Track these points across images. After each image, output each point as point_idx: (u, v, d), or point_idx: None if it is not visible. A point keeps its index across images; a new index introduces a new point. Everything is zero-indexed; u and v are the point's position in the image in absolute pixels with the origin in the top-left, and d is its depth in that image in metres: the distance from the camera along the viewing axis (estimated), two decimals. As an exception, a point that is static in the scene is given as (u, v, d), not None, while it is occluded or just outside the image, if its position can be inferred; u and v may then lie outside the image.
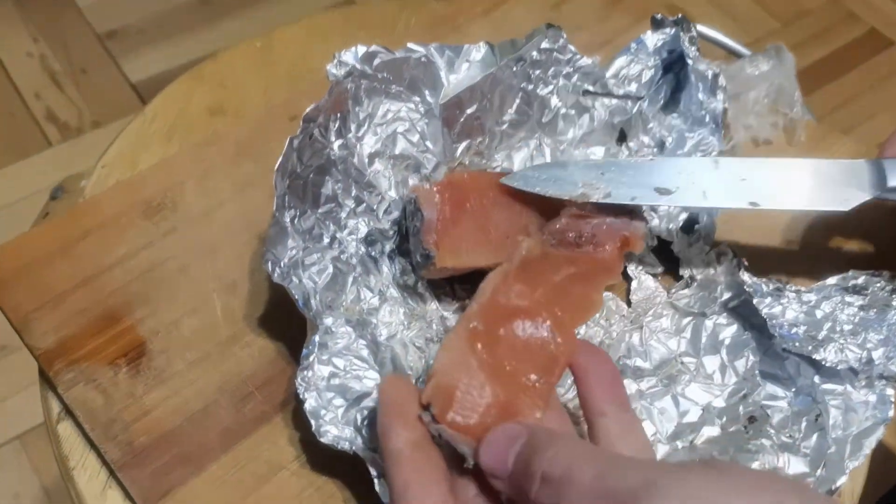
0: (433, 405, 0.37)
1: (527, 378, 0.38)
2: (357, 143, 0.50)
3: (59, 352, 0.48)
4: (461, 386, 0.38)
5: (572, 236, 0.46)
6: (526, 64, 0.53)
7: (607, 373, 0.39)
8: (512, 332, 0.40)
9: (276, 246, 0.44)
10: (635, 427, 0.38)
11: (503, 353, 0.39)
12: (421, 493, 0.34)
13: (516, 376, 0.38)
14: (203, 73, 0.62)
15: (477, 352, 0.39)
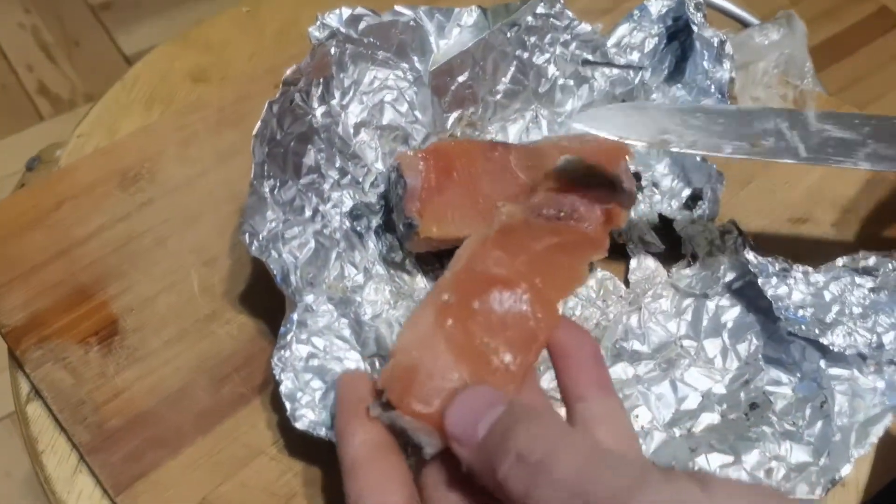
0: (389, 390, 0.34)
1: (500, 358, 0.35)
2: (342, 111, 0.47)
3: (27, 329, 0.46)
4: (423, 367, 0.34)
5: (551, 212, 0.43)
6: (521, 30, 0.51)
7: (589, 352, 0.35)
8: (487, 305, 0.36)
9: (254, 217, 0.42)
10: (619, 414, 0.34)
11: (476, 329, 0.36)
12: (377, 501, 0.31)
13: (488, 356, 0.35)
14: (187, 39, 0.59)
15: (446, 328, 0.35)
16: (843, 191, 0.56)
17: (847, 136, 0.42)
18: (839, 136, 0.42)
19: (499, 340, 0.35)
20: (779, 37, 0.62)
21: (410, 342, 0.35)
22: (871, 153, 0.42)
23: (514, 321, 0.36)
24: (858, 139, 0.42)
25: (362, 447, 0.33)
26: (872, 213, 0.55)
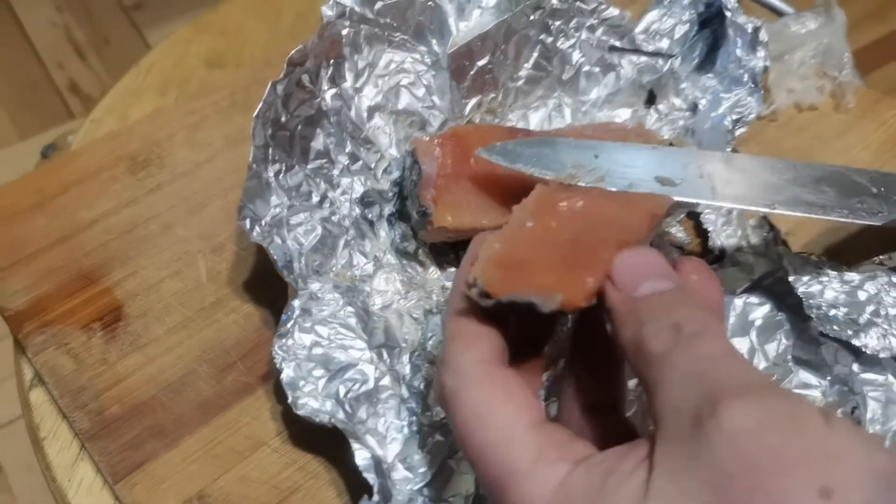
0: (485, 279, 0.30)
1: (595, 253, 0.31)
2: (355, 94, 0.45)
3: (30, 313, 0.45)
4: (516, 256, 0.31)
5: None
6: (545, 13, 0.49)
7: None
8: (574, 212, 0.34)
9: (255, 201, 0.40)
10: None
11: (565, 229, 0.33)
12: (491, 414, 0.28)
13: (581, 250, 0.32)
14: (203, 24, 0.58)
15: (533, 228, 0.33)
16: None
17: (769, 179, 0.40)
18: (762, 179, 0.40)
19: (589, 238, 0.32)
20: (816, 26, 0.59)
21: (497, 240, 0.32)
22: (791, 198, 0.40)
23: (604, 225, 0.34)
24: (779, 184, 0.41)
25: (463, 374, 0.29)
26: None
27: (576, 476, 0.26)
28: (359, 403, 0.39)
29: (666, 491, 0.23)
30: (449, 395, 0.29)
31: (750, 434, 0.22)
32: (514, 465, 0.27)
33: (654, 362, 0.26)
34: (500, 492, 0.27)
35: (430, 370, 0.43)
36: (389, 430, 0.39)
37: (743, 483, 0.22)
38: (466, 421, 0.28)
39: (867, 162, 0.54)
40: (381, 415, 0.40)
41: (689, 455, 0.23)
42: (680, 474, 0.23)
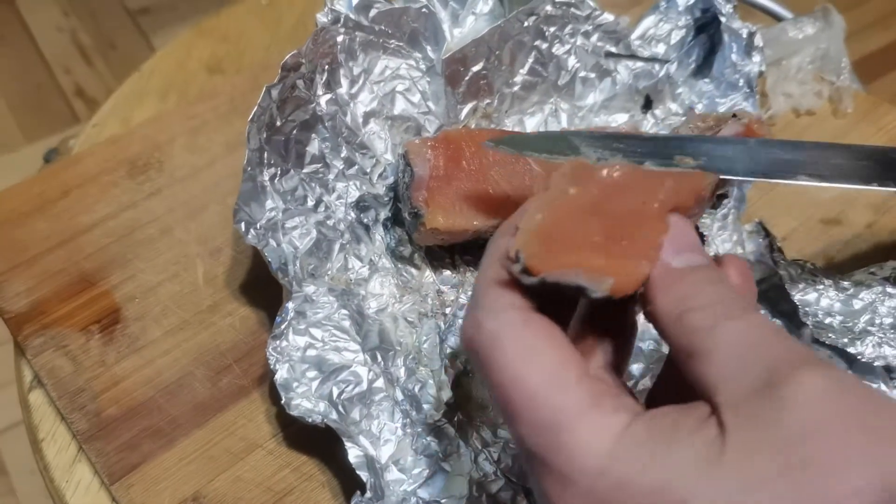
0: (526, 252, 0.28)
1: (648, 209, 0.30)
2: (350, 100, 0.46)
3: (29, 316, 0.45)
4: (558, 228, 0.29)
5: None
6: (539, 19, 0.49)
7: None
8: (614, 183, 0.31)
9: (250, 204, 0.41)
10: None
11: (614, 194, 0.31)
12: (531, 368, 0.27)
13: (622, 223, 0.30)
14: (204, 30, 0.59)
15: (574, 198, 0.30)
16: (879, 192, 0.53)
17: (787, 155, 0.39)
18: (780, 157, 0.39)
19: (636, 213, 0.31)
20: (814, 31, 0.59)
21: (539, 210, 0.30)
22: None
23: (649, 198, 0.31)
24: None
25: (504, 315, 0.28)
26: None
27: (640, 425, 0.25)
28: (352, 405, 0.39)
29: (742, 446, 0.24)
30: (489, 338, 0.28)
31: (823, 399, 0.24)
32: (569, 410, 0.26)
33: (701, 333, 0.26)
34: (551, 437, 0.26)
35: (424, 373, 0.43)
36: (383, 431, 0.40)
37: (818, 441, 0.23)
38: (511, 363, 0.27)
39: (863, 167, 0.54)
40: (375, 416, 0.40)
41: (761, 417, 0.24)
42: (754, 433, 0.24)
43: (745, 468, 0.23)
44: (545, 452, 0.26)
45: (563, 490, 0.25)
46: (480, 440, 0.41)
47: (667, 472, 0.24)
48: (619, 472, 0.24)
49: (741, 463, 0.23)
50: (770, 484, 0.23)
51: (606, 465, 0.25)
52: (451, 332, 0.44)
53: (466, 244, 0.47)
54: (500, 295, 0.28)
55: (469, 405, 0.42)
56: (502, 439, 0.41)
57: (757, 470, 0.23)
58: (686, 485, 0.24)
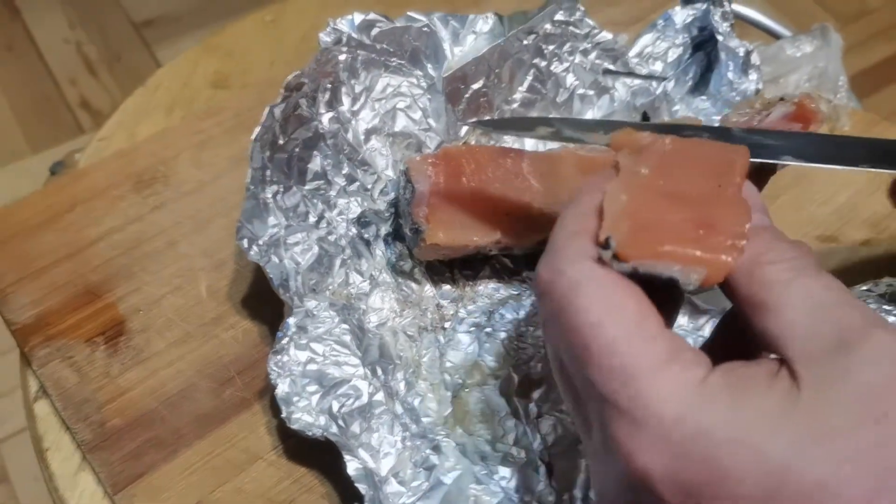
0: (618, 238, 0.28)
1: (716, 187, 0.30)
2: (352, 117, 0.47)
3: (36, 327, 0.46)
4: (645, 215, 0.29)
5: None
6: (538, 38, 0.50)
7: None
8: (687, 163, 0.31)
9: (253, 221, 0.41)
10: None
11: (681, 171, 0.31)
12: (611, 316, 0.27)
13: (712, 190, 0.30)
14: (210, 46, 0.60)
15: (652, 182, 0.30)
16: (877, 208, 0.54)
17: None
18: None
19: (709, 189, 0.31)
20: (812, 49, 0.60)
21: (622, 191, 0.30)
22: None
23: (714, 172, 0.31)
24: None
25: (587, 265, 0.28)
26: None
27: (716, 377, 0.26)
28: (352, 418, 0.40)
29: (817, 398, 0.25)
30: (571, 283, 0.28)
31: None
32: (649, 359, 0.26)
33: (776, 286, 0.27)
34: (628, 383, 0.26)
35: (424, 386, 0.44)
36: (383, 444, 0.40)
37: (889, 398, 0.24)
38: (593, 309, 0.27)
39: (859, 186, 0.55)
40: (375, 430, 0.40)
41: (836, 372, 0.25)
42: (829, 386, 0.25)
43: (821, 419, 0.24)
44: (619, 398, 0.26)
45: (637, 433, 0.26)
46: (479, 454, 0.41)
47: (744, 422, 0.25)
48: (696, 421, 0.25)
49: (817, 414, 0.24)
50: (847, 435, 0.24)
51: (684, 414, 0.25)
52: (451, 346, 0.45)
53: (466, 259, 0.48)
54: (582, 247, 0.29)
55: (468, 419, 0.43)
56: (501, 453, 0.42)
57: (834, 421, 0.24)
58: (764, 434, 0.24)
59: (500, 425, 0.42)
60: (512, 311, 0.47)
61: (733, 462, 0.24)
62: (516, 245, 0.45)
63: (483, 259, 0.48)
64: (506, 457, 0.41)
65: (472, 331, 0.45)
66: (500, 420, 0.43)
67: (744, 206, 0.30)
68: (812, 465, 0.24)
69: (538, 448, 0.41)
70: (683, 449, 0.25)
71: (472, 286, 0.47)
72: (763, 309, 0.27)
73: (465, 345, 0.45)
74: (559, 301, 0.28)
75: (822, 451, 0.24)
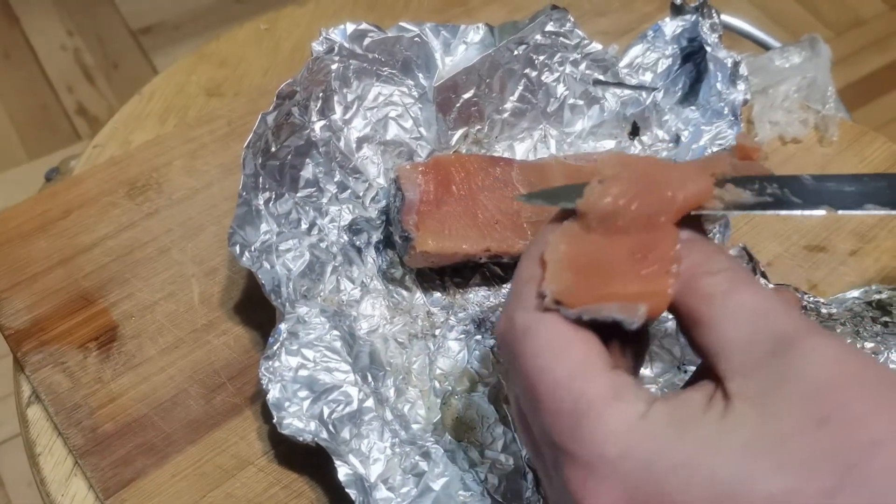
0: (556, 289, 0.29)
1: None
2: (344, 126, 0.47)
3: (29, 332, 0.46)
4: (586, 251, 0.30)
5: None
6: (529, 48, 0.51)
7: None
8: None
9: (245, 228, 0.42)
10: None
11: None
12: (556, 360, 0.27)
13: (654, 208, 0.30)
14: (204, 54, 0.60)
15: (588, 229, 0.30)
16: (863, 219, 0.54)
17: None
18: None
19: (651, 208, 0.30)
20: (801, 60, 0.61)
21: (558, 241, 0.30)
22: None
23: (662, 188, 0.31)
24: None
25: (535, 312, 0.29)
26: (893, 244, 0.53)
27: (658, 409, 0.26)
28: (342, 424, 0.40)
29: (754, 411, 0.25)
30: (521, 329, 0.29)
31: (835, 360, 0.25)
32: (592, 398, 0.26)
33: (714, 299, 0.27)
34: (574, 423, 0.26)
35: (414, 393, 0.44)
36: (372, 450, 0.41)
37: (835, 398, 0.24)
38: (540, 353, 0.28)
39: (847, 194, 0.55)
40: (365, 436, 0.41)
41: (773, 380, 0.25)
42: (767, 397, 0.25)
43: (761, 431, 0.24)
44: (568, 441, 0.27)
45: (586, 476, 0.26)
46: (468, 460, 0.42)
47: (687, 447, 0.25)
48: (641, 454, 0.25)
49: (757, 427, 0.24)
50: (790, 441, 0.24)
51: (630, 448, 0.25)
52: (441, 353, 0.45)
53: (456, 267, 0.48)
54: (531, 295, 0.29)
55: (457, 425, 0.43)
56: (489, 459, 0.42)
57: (774, 431, 0.24)
58: (707, 456, 0.25)
59: (489, 432, 0.43)
60: (502, 319, 0.47)
61: (682, 488, 0.24)
62: (505, 253, 0.46)
63: (473, 267, 0.49)
64: (494, 463, 0.42)
65: (461, 338, 0.46)
66: (489, 427, 0.43)
67: (672, 231, 0.30)
68: (760, 479, 0.24)
69: (526, 455, 0.42)
70: (631, 483, 0.25)
71: (462, 294, 0.48)
72: (701, 324, 0.28)
73: (455, 352, 0.45)
74: (512, 347, 0.29)
75: (768, 464, 0.24)
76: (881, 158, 0.58)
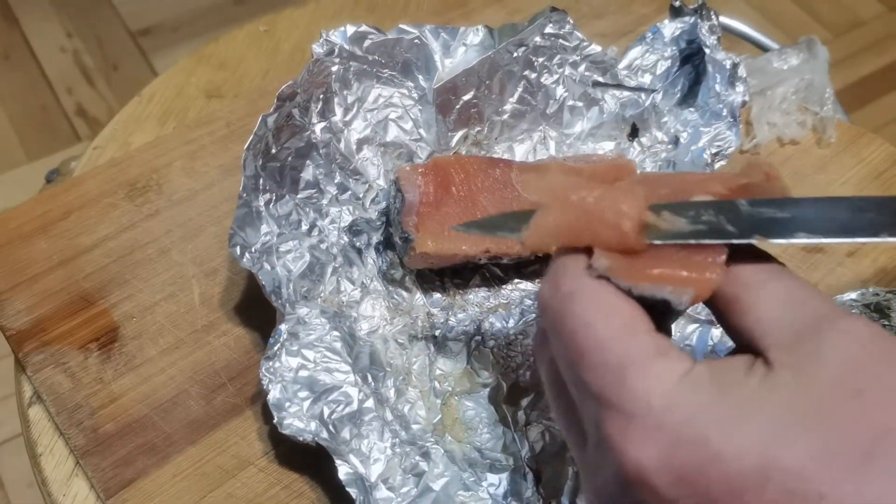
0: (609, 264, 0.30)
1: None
2: (344, 128, 0.47)
3: (30, 333, 0.46)
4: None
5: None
6: (528, 50, 0.51)
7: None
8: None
9: (245, 229, 0.42)
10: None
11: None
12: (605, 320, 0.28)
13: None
14: (203, 56, 0.61)
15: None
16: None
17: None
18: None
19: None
20: (798, 62, 0.61)
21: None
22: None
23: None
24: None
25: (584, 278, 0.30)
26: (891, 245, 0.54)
27: (699, 369, 0.27)
28: (342, 424, 0.41)
29: (795, 379, 0.26)
30: (567, 295, 0.30)
31: (869, 339, 0.27)
32: (638, 355, 0.28)
33: (752, 286, 0.29)
34: (620, 377, 0.27)
35: (414, 394, 0.44)
36: (372, 450, 0.41)
37: (869, 373, 0.26)
38: (585, 312, 0.29)
39: (846, 195, 0.56)
40: (365, 436, 0.41)
41: (811, 356, 0.27)
42: (805, 368, 0.26)
43: (801, 397, 0.26)
44: (613, 394, 0.27)
45: (627, 426, 0.27)
46: (468, 460, 0.42)
47: (730, 405, 0.26)
48: (685, 407, 0.26)
49: (797, 393, 0.26)
50: (827, 407, 0.25)
51: (672, 403, 0.26)
52: (441, 354, 0.45)
53: (456, 268, 0.48)
54: (576, 261, 0.30)
55: (457, 426, 0.43)
56: (489, 460, 0.42)
57: (813, 397, 0.25)
58: (750, 415, 0.25)
59: (489, 432, 0.43)
60: (501, 320, 0.47)
61: (725, 442, 0.25)
62: (505, 254, 0.46)
63: (473, 268, 0.49)
64: (494, 464, 0.42)
65: (461, 339, 0.46)
66: (489, 427, 0.43)
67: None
68: (799, 438, 0.25)
69: (526, 455, 0.42)
70: (675, 435, 0.26)
71: (462, 295, 0.48)
72: (739, 306, 0.29)
73: (455, 353, 0.46)
74: (557, 314, 0.30)
75: (806, 425, 0.25)
76: (879, 160, 0.58)
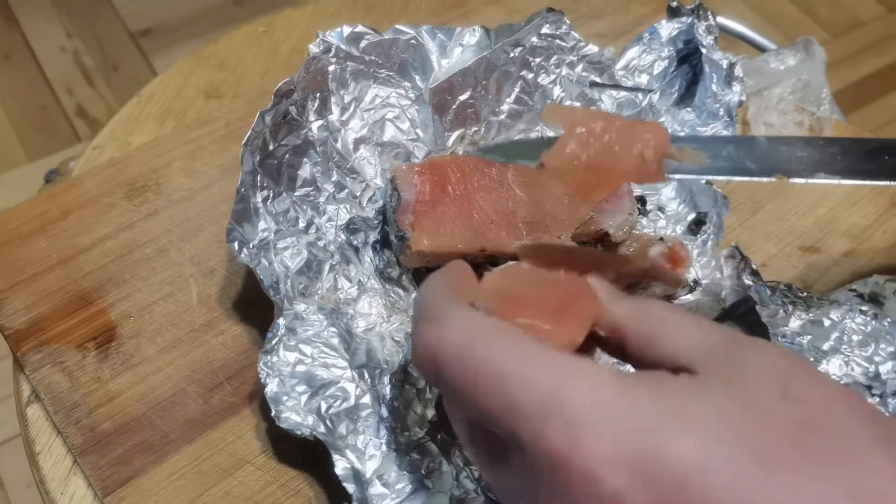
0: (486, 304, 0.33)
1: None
2: (342, 127, 0.48)
3: (28, 332, 0.47)
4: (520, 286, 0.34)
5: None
6: (525, 50, 0.51)
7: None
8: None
9: (243, 225, 0.42)
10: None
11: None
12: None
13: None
14: (203, 56, 0.61)
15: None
16: (857, 220, 0.55)
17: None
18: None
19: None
20: (795, 62, 0.61)
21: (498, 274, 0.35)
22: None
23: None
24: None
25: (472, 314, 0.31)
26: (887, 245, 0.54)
27: (627, 377, 0.28)
28: (339, 419, 0.41)
29: (718, 385, 0.28)
30: (459, 341, 0.29)
31: (779, 353, 0.29)
32: (563, 368, 0.28)
33: (665, 320, 0.32)
34: (553, 393, 0.27)
35: (409, 392, 0.44)
36: (368, 446, 0.41)
37: (786, 378, 0.28)
38: (495, 352, 0.29)
39: (841, 196, 0.56)
40: (361, 432, 0.41)
41: (734, 365, 0.29)
42: (729, 377, 0.28)
43: (734, 398, 0.27)
44: (548, 411, 0.27)
45: (573, 431, 0.27)
46: (462, 458, 0.42)
47: (668, 397, 0.27)
48: (627, 400, 0.27)
49: (729, 395, 0.27)
50: (760, 408, 0.27)
51: (613, 397, 0.27)
52: (437, 352, 0.46)
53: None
54: (456, 301, 0.31)
55: (452, 423, 0.43)
56: (485, 457, 0.42)
57: (744, 401, 0.27)
58: (692, 415, 0.27)
59: (485, 430, 0.43)
60: (498, 319, 0.47)
61: (672, 439, 0.26)
62: (500, 254, 0.46)
63: (470, 267, 0.49)
64: (489, 461, 0.42)
65: (457, 337, 0.46)
66: (485, 425, 0.43)
67: (593, 296, 0.34)
68: (737, 442, 0.26)
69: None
70: (624, 427, 0.26)
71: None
72: (658, 338, 0.32)
73: (451, 351, 0.46)
74: (453, 365, 0.30)
75: (744, 420, 0.27)
76: (875, 160, 0.58)
